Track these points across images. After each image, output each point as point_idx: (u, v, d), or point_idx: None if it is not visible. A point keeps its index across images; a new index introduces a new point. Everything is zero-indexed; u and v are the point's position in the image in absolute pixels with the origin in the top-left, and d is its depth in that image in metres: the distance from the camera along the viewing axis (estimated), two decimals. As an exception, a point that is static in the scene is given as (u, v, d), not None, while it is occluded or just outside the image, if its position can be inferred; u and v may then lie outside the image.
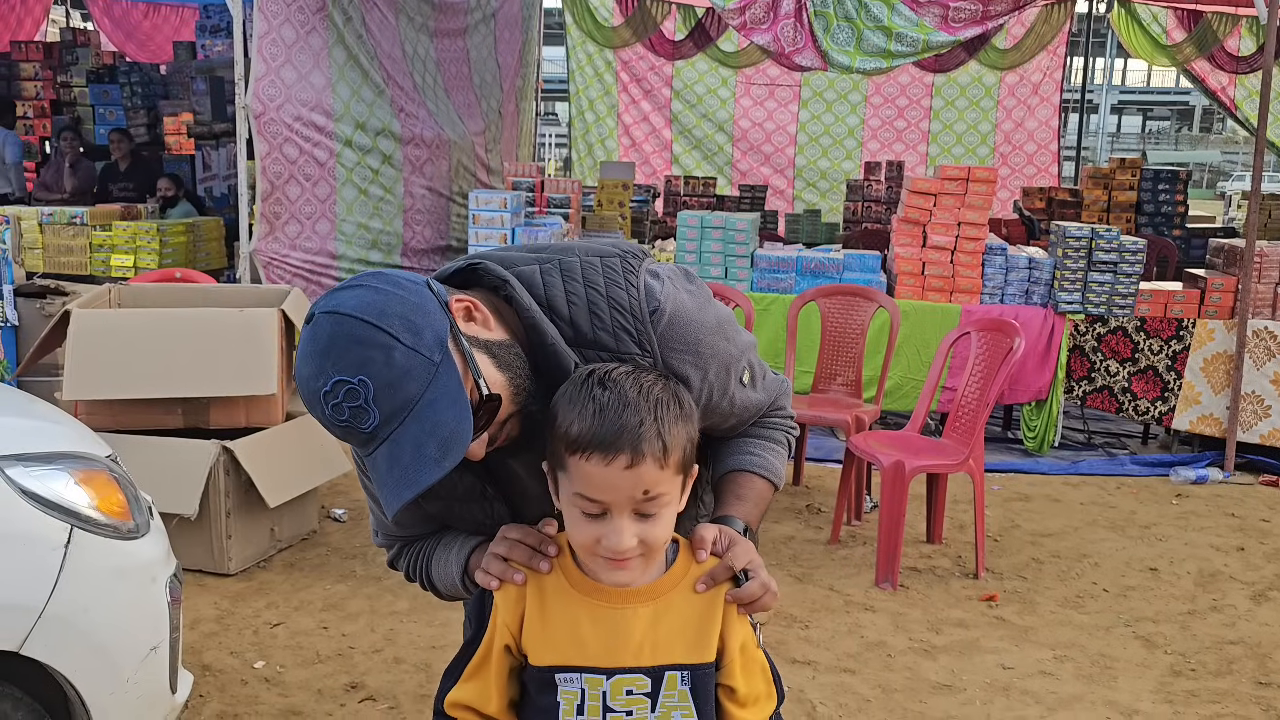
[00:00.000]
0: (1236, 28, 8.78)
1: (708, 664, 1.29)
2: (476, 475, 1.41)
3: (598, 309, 1.36)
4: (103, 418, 3.70)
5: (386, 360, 1.18)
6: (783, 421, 1.59)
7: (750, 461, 1.52)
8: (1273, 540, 4.49)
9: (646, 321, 1.36)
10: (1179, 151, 37.47)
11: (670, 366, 1.38)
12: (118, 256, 6.49)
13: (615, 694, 1.26)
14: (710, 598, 1.30)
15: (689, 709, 1.27)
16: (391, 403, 1.19)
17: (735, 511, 1.45)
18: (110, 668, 2.13)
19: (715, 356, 1.42)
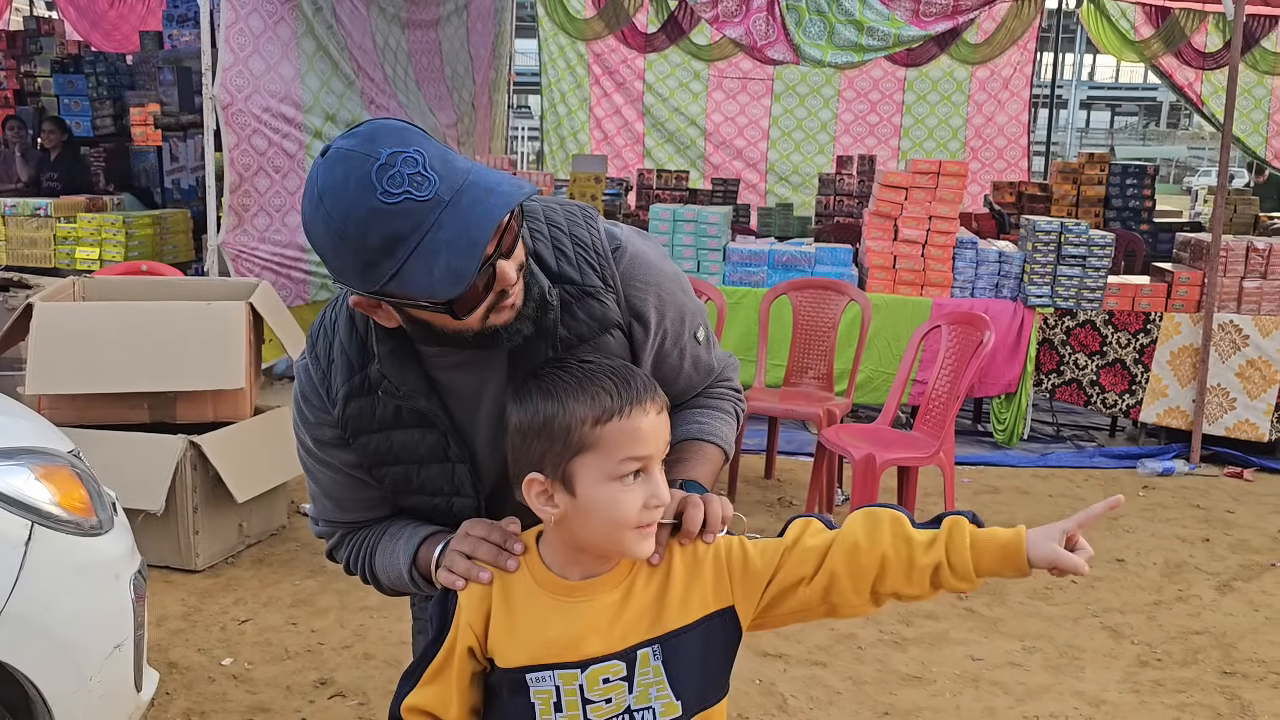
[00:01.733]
0: (1203, 24, 8.87)
1: (672, 631, 1.26)
2: (441, 434, 1.38)
3: (561, 244, 1.37)
4: (67, 412, 3.65)
5: (431, 141, 1.18)
6: (730, 393, 1.59)
7: (701, 429, 1.51)
8: (1237, 531, 4.56)
9: (609, 256, 1.39)
10: (1146, 147, 37.88)
11: (631, 303, 1.40)
12: (82, 249, 6.39)
13: (592, 684, 1.24)
14: (664, 566, 1.28)
15: (662, 684, 1.26)
16: (446, 169, 1.16)
17: (688, 475, 1.43)
18: (73, 666, 2.09)
19: (673, 302, 1.45)
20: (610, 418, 1.20)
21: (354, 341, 1.38)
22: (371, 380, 1.37)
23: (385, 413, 1.38)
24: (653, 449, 1.22)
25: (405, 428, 1.38)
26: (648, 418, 1.21)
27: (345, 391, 1.38)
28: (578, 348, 1.36)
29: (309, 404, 1.42)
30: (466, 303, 1.22)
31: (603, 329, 1.38)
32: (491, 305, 1.24)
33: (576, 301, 1.37)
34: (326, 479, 1.47)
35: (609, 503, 1.20)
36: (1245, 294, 5.45)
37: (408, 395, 1.36)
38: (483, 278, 1.20)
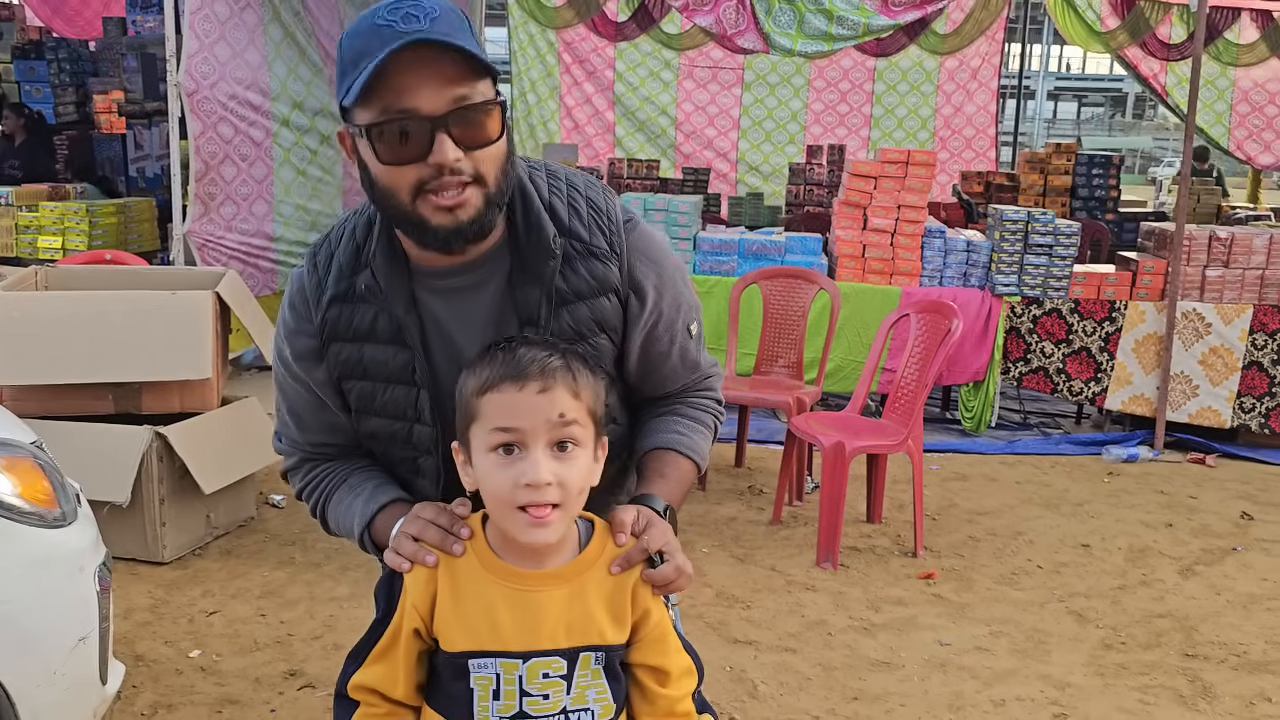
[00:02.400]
0: (1168, 16, 8.96)
1: (620, 645, 1.29)
2: (410, 354, 1.41)
3: (576, 203, 1.43)
4: (30, 404, 3.60)
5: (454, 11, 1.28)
6: (712, 405, 1.60)
7: (677, 441, 1.52)
8: (1200, 517, 4.63)
9: (620, 226, 1.45)
10: (1112, 137, 38.24)
11: (633, 276, 1.45)
12: (45, 238, 6.29)
13: (532, 677, 1.25)
14: (624, 579, 1.30)
15: (603, 686, 1.28)
16: (443, 26, 1.25)
17: (657, 490, 1.45)
18: (37, 659, 2.07)
19: (672, 288, 1.50)
20: (488, 388, 1.23)
21: (350, 249, 1.43)
22: (357, 290, 1.41)
23: (363, 322, 1.42)
24: (523, 425, 1.21)
25: (379, 343, 1.42)
26: (522, 394, 1.21)
27: (331, 295, 1.42)
28: (574, 304, 1.41)
29: (294, 311, 1.46)
30: (389, 147, 1.27)
31: (601, 291, 1.42)
32: (423, 181, 1.28)
33: (580, 258, 1.41)
34: (293, 394, 1.51)
35: (485, 475, 1.23)
36: (1208, 283, 5.53)
37: (389, 299, 1.39)
38: (419, 138, 1.26)
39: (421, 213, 1.30)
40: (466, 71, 1.27)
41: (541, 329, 1.39)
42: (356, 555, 3.88)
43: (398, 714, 1.30)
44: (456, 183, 1.28)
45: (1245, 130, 9.35)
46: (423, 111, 1.25)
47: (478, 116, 1.28)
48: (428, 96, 1.25)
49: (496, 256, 1.41)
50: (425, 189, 1.28)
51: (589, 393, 1.26)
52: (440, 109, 1.26)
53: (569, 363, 1.25)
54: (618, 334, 1.47)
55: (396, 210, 1.32)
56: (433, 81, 1.25)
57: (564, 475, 1.22)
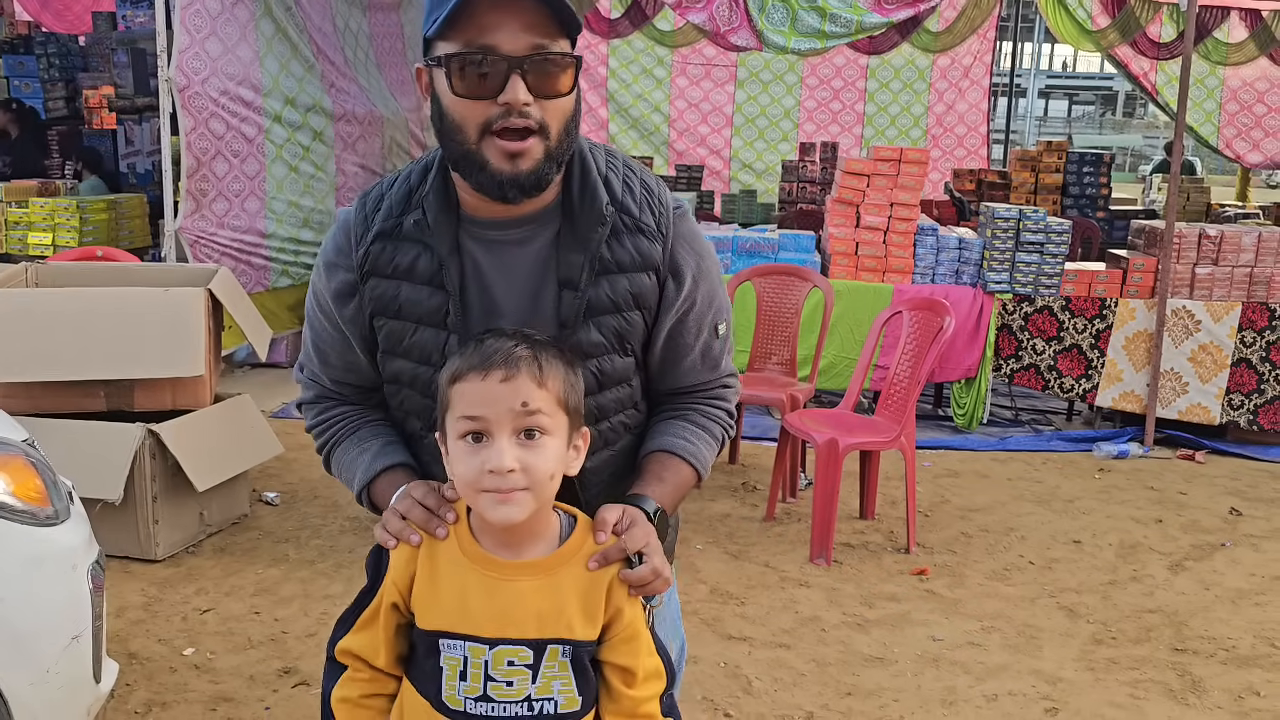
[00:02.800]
0: (1158, 15, 8.99)
1: (589, 641, 1.31)
2: (446, 297, 1.42)
3: (631, 182, 1.47)
4: (21, 401, 3.59)
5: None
6: (723, 416, 1.60)
7: (683, 446, 1.52)
8: (1189, 512, 4.66)
9: (669, 211, 1.48)
10: (1103, 135, 38.35)
11: (674, 261, 1.47)
12: (35, 234, 6.26)
13: (497, 663, 1.28)
14: (599, 576, 1.31)
15: (568, 679, 1.30)
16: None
17: (651, 492, 1.45)
18: (29, 658, 2.06)
19: (708, 281, 1.52)
20: (457, 378, 1.27)
21: (402, 192, 1.46)
22: (404, 228, 1.43)
23: (403, 260, 1.44)
24: (488, 413, 1.24)
25: (416, 282, 1.44)
26: (485, 383, 1.24)
27: (378, 230, 1.45)
28: (615, 275, 1.43)
29: (335, 245, 1.49)
30: (464, 80, 1.30)
31: (643, 267, 1.45)
32: (491, 119, 1.31)
33: (628, 233, 1.44)
34: (321, 329, 1.54)
35: (455, 461, 1.28)
36: (1197, 280, 5.56)
37: (435, 238, 1.41)
38: (494, 76, 1.30)
39: (485, 154, 1.33)
40: (550, 23, 1.30)
41: (580, 294, 1.41)
42: (350, 553, 3.89)
43: (380, 680, 1.34)
44: (522, 125, 1.31)
45: (1234, 129, 9.39)
46: (502, 50, 1.29)
47: (552, 67, 1.31)
48: (508, 37, 1.29)
49: (547, 216, 1.43)
50: (492, 128, 1.32)
51: (558, 382, 1.27)
52: (519, 51, 1.29)
53: (536, 353, 1.27)
54: (651, 313, 1.48)
55: (461, 146, 1.34)
56: (515, 24, 1.29)
57: (529, 462, 1.24)
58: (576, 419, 1.31)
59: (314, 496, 4.42)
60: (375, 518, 1.44)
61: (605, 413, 1.48)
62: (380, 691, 1.35)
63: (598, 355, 1.44)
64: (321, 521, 4.15)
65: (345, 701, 1.35)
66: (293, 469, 4.71)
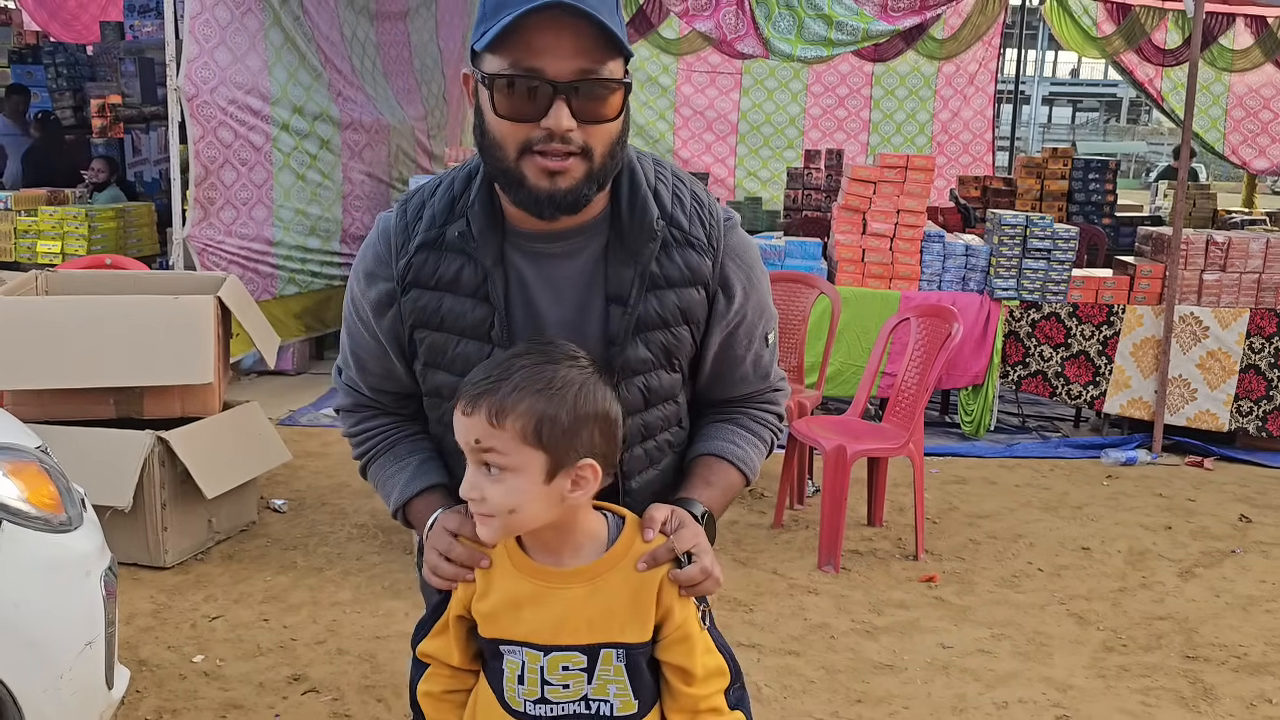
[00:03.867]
0: (1163, 21, 9.00)
1: (642, 643, 1.32)
2: (490, 309, 1.40)
3: (681, 194, 1.44)
4: (31, 408, 3.60)
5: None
6: (772, 420, 1.60)
7: (731, 451, 1.52)
8: (1198, 519, 4.64)
9: (720, 224, 1.45)
10: (1107, 142, 38.33)
11: (724, 274, 1.45)
12: (44, 243, 6.29)
13: (552, 669, 1.31)
14: (649, 577, 1.31)
15: (623, 682, 1.33)
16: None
17: (699, 496, 1.46)
18: (43, 664, 2.07)
19: (758, 294, 1.50)
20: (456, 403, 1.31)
21: (445, 200, 1.43)
22: (447, 239, 1.41)
23: (447, 271, 1.41)
24: (459, 439, 1.29)
25: (460, 294, 1.41)
26: (458, 411, 1.28)
27: (420, 241, 1.41)
28: (664, 290, 1.41)
29: (375, 253, 1.46)
30: (508, 101, 1.28)
31: (693, 282, 1.43)
32: (531, 141, 1.29)
33: (678, 246, 1.41)
34: (359, 336, 1.52)
35: None
36: (1205, 286, 5.55)
37: (481, 249, 1.39)
38: (539, 100, 1.27)
39: (524, 170, 1.31)
40: (600, 46, 1.27)
41: (629, 309, 1.39)
42: (358, 560, 3.89)
43: (459, 677, 1.41)
44: (563, 150, 1.29)
45: (1240, 135, 9.39)
46: (548, 74, 1.26)
47: (599, 91, 1.28)
48: (556, 60, 1.26)
49: (594, 229, 1.40)
50: (533, 148, 1.29)
51: (521, 419, 1.23)
52: (565, 75, 1.26)
53: (511, 388, 1.24)
54: (699, 328, 1.46)
55: (500, 163, 1.33)
56: (564, 47, 1.25)
57: (488, 493, 1.27)
58: (566, 453, 1.25)
59: (322, 504, 4.42)
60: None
61: (651, 430, 1.47)
62: (460, 687, 1.41)
63: (645, 371, 1.42)
64: (329, 529, 4.16)
65: (429, 696, 1.42)
66: (300, 476, 4.72)
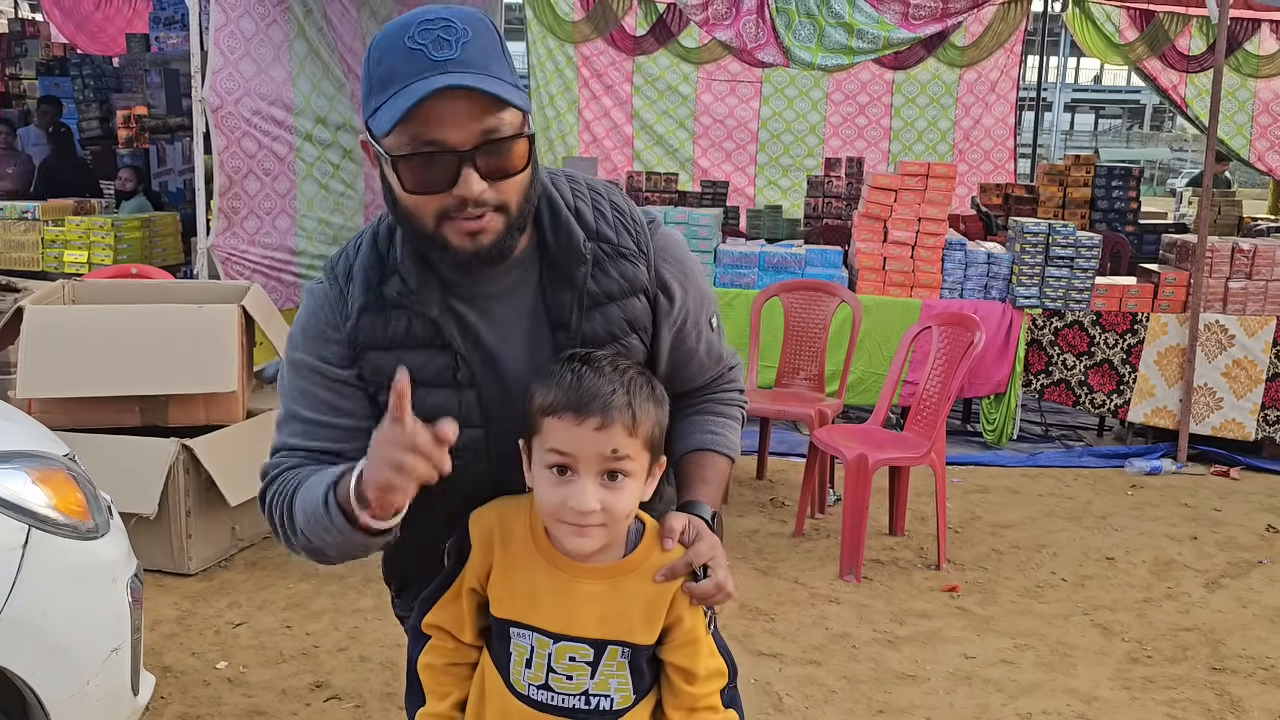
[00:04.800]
0: (1187, 27, 8.94)
1: (648, 645, 1.37)
2: (451, 355, 1.39)
3: (601, 207, 1.45)
4: (58, 416, 3.63)
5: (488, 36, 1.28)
6: (737, 396, 1.66)
7: (713, 440, 1.58)
8: (1225, 529, 4.59)
9: (644, 227, 1.47)
10: (1130, 149, 38.07)
11: (660, 275, 1.47)
12: (71, 252, 6.36)
13: (559, 657, 1.35)
14: (665, 587, 1.36)
15: (625, 679, 1.36)
16: (474, 55, 1.25)
17: (703, 496, 1.50)
18: (70, 670, 2.09)
19: (696, 285, 1.53)
20: (551, 412, 1.29)
21: (374, 258, 1.42)
22: (387, 298, 1.39)
23: (397, 329, 1.39)
24: (574, 453, 1.27)
25: (414, 348, 1.39)
26: (579, 428, 1.26)
27: (361, 304, 1.40)
28: (606, 305, 1.42)
29: (316, 320, 1.42)
30: (416, 177, 1.27)
31: (632, 291, 1.44)
32: (447, 209, 1.29)
33: (610, 260, 1.43)
34: (303, 387, 1.42)
35: (539, 486, 1.32)
36: (1231, 294, 5.50)
37: (421, 302, 1.38)
38: (445, 170, 1.26)
39: (445, 235, 1.31)
40: (496, 104, 1.26)
41: (572, 333, 1.41)
42: (379, 568, 3.89)
43: (462, 650, 1.43)
44: (479, 213, 1.29)
45: (1266, 141, 9.30)
46: (450, 144, 1.25)
47: (505, 148, 1.28)
48: (456, 129, 1.25)
49: (526, 262, 1.41)
50: (450, 215, 1.29)
51: (647, 425, 1.31)
52: (468, 142, 1.25)
53: (631, 398, 1.29)
54: (648, 334, 1.48)
55: (419, 231, 1.33)
56: (462, 114, 1.25)
57: (610, 502, 1.29)
58: (657, 453, 1.35)
59: (344, 511, 4.44)
60: None
61: None
62: (462, 660, 1.43)
63: None
64: (351, 536, 4.17)
65: (430, 668, 1.43)
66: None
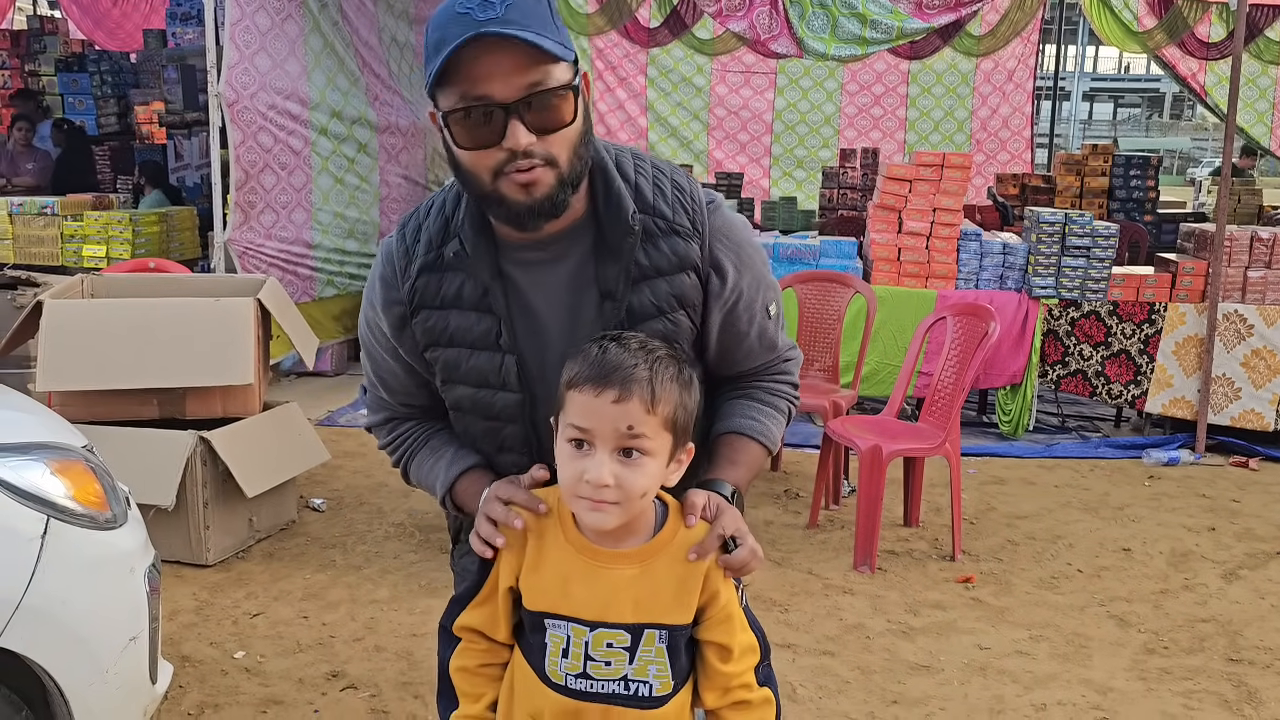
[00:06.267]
0: (1206, 14, 8.85)
1: (685, 625, 1.37)
2: (495, 320, 1.45)
3: (660, 183, 1.48)
4: (77, 409, 3.67)
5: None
6: (787, 389, 1.64)
7: (751, 426, 1.57)
8: (1243, 520, 4.56)
9: (703, 208, 1.49)
10: (1149, 138, 37.75)
11: (714, 255, 1.49)
12: (89, 247, 6.41)
13: (596, 645, 1.35)
14: (697, 564, 1.37)
15: (663, 664, 1.37)
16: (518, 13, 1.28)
17: (726, 475, 1.50)
18: (89, 659, 2.12)
19: (752, 267, 1.53)
20: (573, 385, 1.31)
21: (439, 222, 1.49)
22: (445, 258, 1.47)
23: (449, 290, 1.47)
24: (592, 427, 1.28)
25: (464, 309, 1.47)
26: (597, 400, 1.28)
27: (420, 264, 1.48)
28: (654, 279, 1.45)
29: (384, 281, 1.52)
30: (466, 132, 1.33)
31: (681, 268, 1.46)
32: (500, 164, 1.33)
33: (663, 235, 1.46)
34: (380, 359, 1.58)
35: (559, 460, 1.34)
36: (1250, 284, 5.45)
37: (476, 265, 1.44)
38: (493, 124, 1.31)
39: (501, 190, 1.36)
40: (540, 57, 1.30)
41: (618, 303, 1.44)
42: (395, 559, 3.93)
43: (495, 651, 1.44)
44: (529, 165, 1.33)
45: (1287, 129, 9.20)
46: (495, 98, 1.30)
47: (550, 101, 1.32)
48: (500, 83, 1.30)
49: (579, 231, 1.45)
50: (503, 171, 1.34)
51: (668, 405, 1.30)
52: (512, 95, 1.30)
53: (654, 375, 1.29)
54: (697, 311, 1.50)
55: (477, 189, 1.38)
56: (505, 68, 1.29)
57: (625, 479, 1.29)
58: (683, 437, 1.35)
59: (360, 503, 4.47)
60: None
61: None
62: (494, 661, 1.44)
63: None
64: (367, 528, 4.20)
65: (464, 670, 1.45)
66: (339, 476, 4.78)
